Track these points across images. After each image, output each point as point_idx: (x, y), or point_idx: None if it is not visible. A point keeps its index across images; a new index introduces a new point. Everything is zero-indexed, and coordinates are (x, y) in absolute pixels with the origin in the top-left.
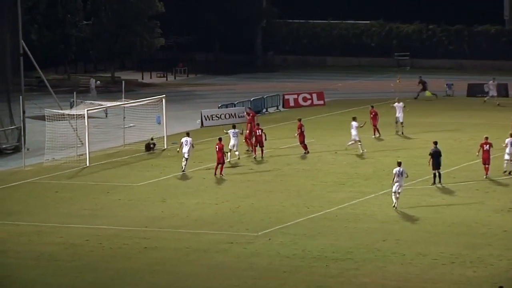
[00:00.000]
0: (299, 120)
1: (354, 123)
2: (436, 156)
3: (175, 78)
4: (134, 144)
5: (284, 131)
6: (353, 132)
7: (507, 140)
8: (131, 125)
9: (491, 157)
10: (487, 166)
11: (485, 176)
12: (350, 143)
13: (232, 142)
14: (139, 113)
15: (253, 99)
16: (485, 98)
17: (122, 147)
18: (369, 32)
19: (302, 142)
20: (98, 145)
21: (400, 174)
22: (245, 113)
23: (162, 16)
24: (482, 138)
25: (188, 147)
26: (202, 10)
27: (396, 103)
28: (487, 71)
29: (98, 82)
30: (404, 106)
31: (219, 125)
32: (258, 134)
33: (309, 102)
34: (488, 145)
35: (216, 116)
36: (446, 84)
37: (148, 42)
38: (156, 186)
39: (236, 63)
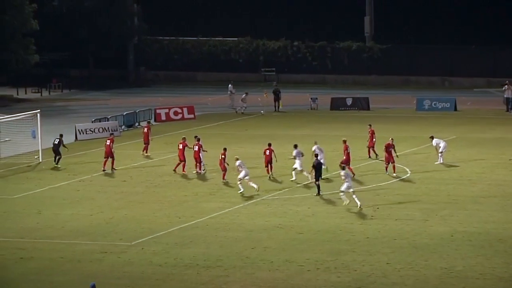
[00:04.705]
0: (184, 139)
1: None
2: (318, 168)
3: (49, 94)
4: (10, 157)
5: (156, 144)
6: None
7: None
8: (7, 139)
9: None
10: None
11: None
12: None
13: (297, 162)
14: (14, 128)
15: (125, 113)
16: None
17: None
18: (237, 49)
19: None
20: None
21: (347, 176)
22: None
23: (37, 33)
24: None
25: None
26: (74, 28)
27: None
28: (349, 85)
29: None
30: None
31: (93, 138)
32: (195, 150)
33: (180, 116)
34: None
35: (90, 130)
36: (311, 98)
37: (23, 58)
38: (31, 198)
39: (109, 79)
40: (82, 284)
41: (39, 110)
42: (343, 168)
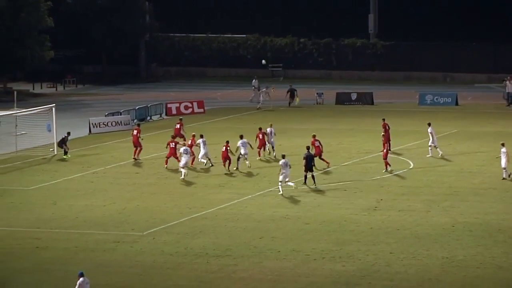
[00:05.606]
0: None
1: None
2: (309, 160)
3: (64, 89)
4: (26, 150)
5: (167, 137)
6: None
7: None
8: (23, 132)
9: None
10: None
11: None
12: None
13: (242, 151)
14: (30, 121)
15: (137, 108)
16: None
17: (14, 153)
18: (245, 45)
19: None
20: None
21: (285, 165)
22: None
23: (52, 30)
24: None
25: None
26: (88, 26)
27: None
28: (354, 81)
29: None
30: None
31: (106, 132)
32: (171, 146)
33: (190, 110)
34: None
35: (103, 123)
36: (317, 93)
37: (39, 54)
38: (46, 190)
39: (122, 75)
40: (96, 273)
41: (54, 105)
42: (283, 157)
